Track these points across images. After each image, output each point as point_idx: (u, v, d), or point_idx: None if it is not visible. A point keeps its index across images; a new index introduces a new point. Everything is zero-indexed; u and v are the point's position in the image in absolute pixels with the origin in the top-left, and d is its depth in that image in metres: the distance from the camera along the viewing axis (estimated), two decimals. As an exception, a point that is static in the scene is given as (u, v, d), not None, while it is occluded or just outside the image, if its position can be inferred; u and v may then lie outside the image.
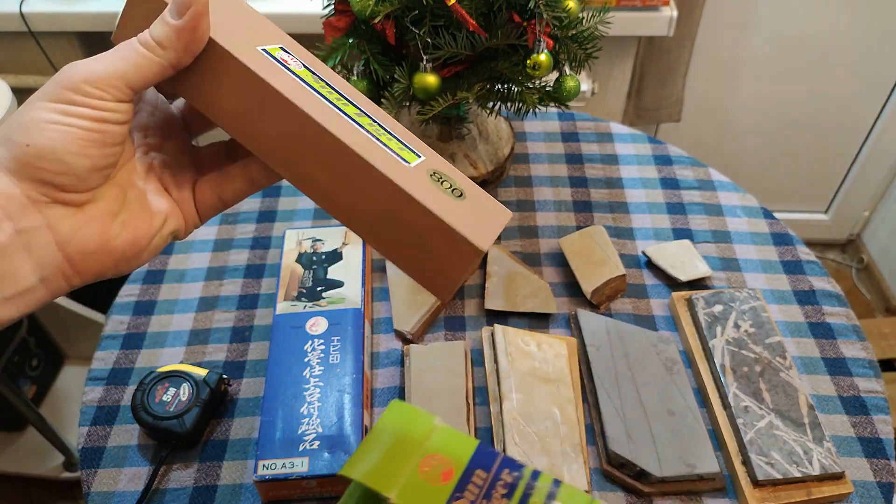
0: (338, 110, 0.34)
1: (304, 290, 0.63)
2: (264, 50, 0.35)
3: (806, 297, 0.68)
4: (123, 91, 0.31)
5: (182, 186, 0.37)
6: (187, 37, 0.31)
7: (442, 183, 0.35)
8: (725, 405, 0.57)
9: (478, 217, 0.34)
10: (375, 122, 0.36)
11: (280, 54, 0.36)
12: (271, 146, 0.34)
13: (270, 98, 0.32)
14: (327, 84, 0.37)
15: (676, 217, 0.75)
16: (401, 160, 0.34)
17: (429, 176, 0.35)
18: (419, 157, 0.36)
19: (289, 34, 0.40)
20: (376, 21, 0.57)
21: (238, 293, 0.68)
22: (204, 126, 0.40)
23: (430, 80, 0.59)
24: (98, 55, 0.31)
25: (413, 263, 0.34)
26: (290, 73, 0.34)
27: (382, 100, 0.61)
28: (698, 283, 0.68)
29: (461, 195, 0.35)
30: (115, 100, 0.31)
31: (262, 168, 0.37)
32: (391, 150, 0.35)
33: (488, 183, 0.76)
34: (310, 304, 0.61)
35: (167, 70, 0.32)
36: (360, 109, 0.36)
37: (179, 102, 0.39)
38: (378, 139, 0.35)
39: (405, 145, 0.36)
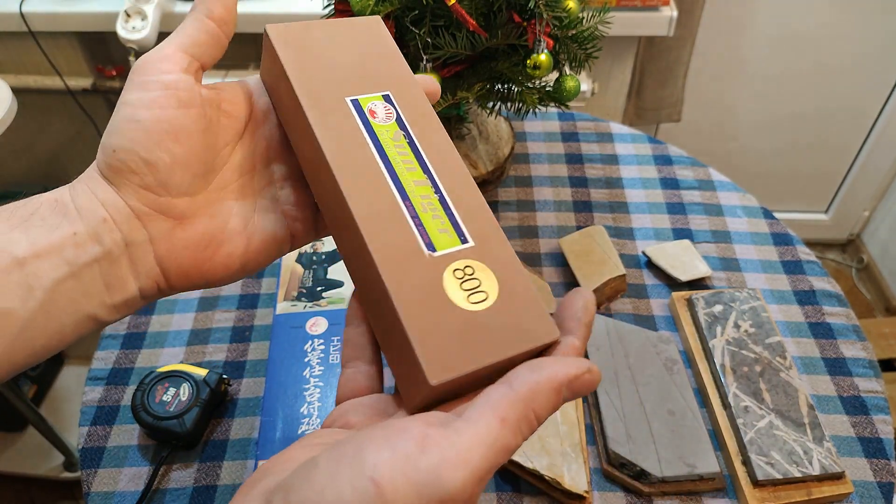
0: (389, 175, 0.31)
1: (304, 290, 0.63)
2: (353, 100, 0.33)
3: (806, 297, 0.68)
4: (179, 58, 0.31)
5: (304, 205, 0.36)
6: None
7: (463, 283, 0.29)
8: (725, 405, 0.57)
9: (477, 336, 0.28)
10: (438, 192, 0.32)
11: (372, 105, 0.34)
12: (318, 196, 0.33)
13: (314, 151, 0.32)
14: (409, 142, 0.33)
15: (676, 217, 0.75)
16: (423, 246, 0.30)
17: (451, 271, 0.30)
18: (463, 243, 0.30)
19: None
20: (376, 21, 0.57)
21: (238, 293, 0.68)
22: None
23: (430, 80, 0.59)
24: None
25: (392, 359, 0.30)
26: (360, 129, 0.32)
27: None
28: (698, 283, 0.68)
29: (483, 300, 0.29)
30: (178, 70, 0.31)
31: None
32: (423, 230, 0.30)
33: (488, 183, 0.76)
34: (310, 304, 0.61)
35: (209, 26, 0.33)
36: (428, 176, 0.32)
37: None
38: (417, 215, 0.31)
39: (455, 226, 0.31)
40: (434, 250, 0.30)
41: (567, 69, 0.63)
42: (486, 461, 0.23)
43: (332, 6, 0.62)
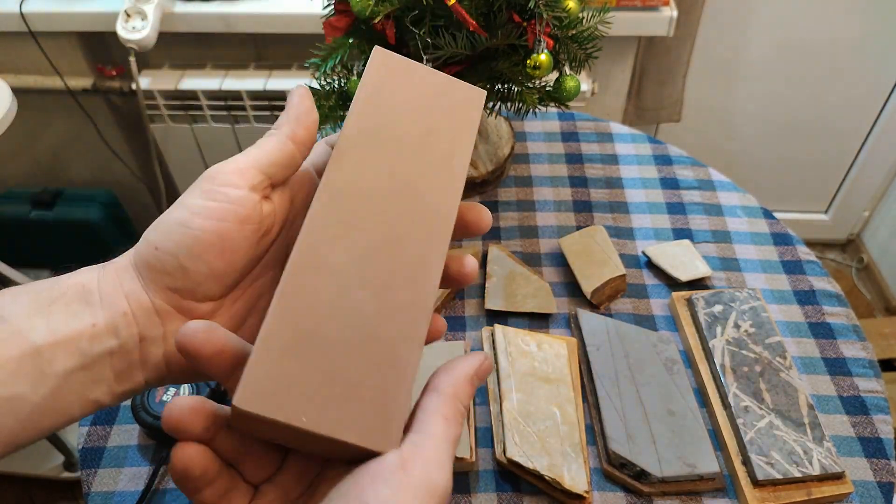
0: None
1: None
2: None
3: (806, 297, 0.68)
4: (252, 175, 0.31)
5: None
6: (294, 110, 0.33)
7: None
8: (725, 405, 0.57)
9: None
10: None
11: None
12: None
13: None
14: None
15: (676, 217, 0.75)
16: None
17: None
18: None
19: (289, 34, 0.39)
20: (376, 21, 0.57)
21: (238, 293, 0.68)
22: None
23: (430, 80, 0.59)
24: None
25: None
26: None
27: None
28: (698, 283, 0.68)
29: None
30: (247, 186, 0.31)
31: None
32: None
33: (488, 183, 0.76)
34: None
35: (288, 146, 0.33)
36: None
37: None
38: None
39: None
40: None
41: (567, 69, 0.63)
42: (451, 454, 0.29)
43: (332, 6, 0.62)
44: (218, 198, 0.30)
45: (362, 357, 0.28)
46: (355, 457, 0.28)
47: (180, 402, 0.28)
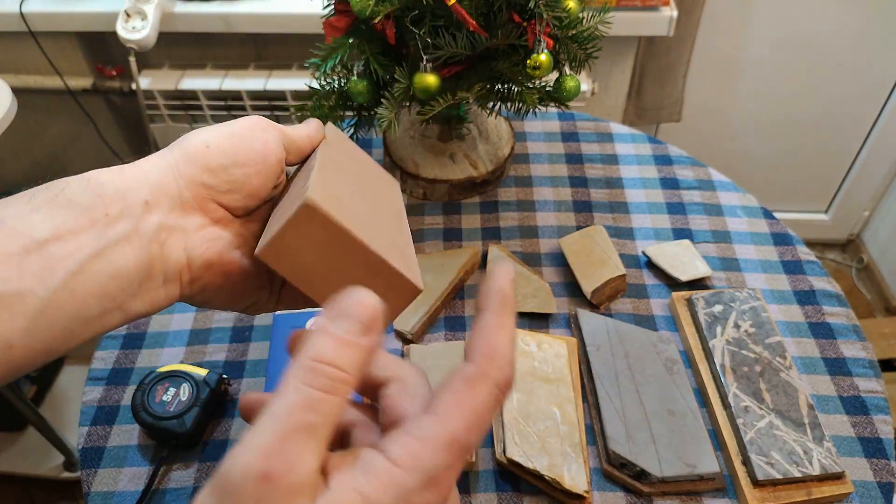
0: None
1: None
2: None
3: (806, 297, 0.68)
4: (281, 134, 0.37)
5: None
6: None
7: None
8: (725, 405, 0.57)
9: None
10: None
11: None
12: None
13: None
14: None
15: (676, 217, 0.75)
16: None
17: None
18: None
19: (289, 34, 0.40)
20: (376, 21, 0.57)
21: (238, 293, 0.68)
22: None
23: (430, 80, 0.59)
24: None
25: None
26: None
27: (382, 100, 0.61)
28: (698, 283, 0.68)
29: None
30: (279, 140, 0.36)
31: None
32: None
33: (488, 183, 0.76)
34: (310, 304, 0.61)
35: (304, 140, 0.39)
36: None
37: None
38: None
39: None
40: None
41: (567, 69, 0.63)
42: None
43: (332, 6, 0.62)
44: (264, 133, 0.35)
45: (386, 225, 0.36)
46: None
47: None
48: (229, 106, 1.27)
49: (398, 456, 0.22)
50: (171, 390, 0.57)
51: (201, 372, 0.58)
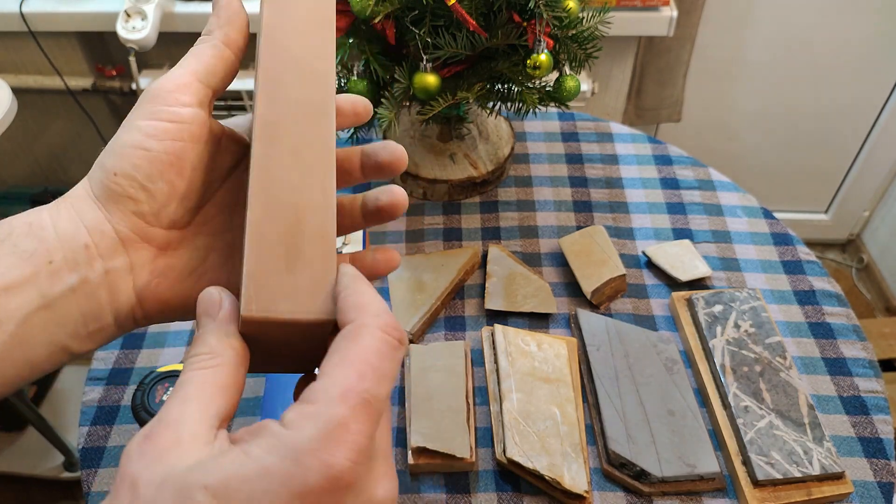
0: None
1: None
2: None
3: (806, 297, 0.68)
4: (196, 89, 0.31)
5: None
6: (224, 12, 0.32)
7: None
8: (725, 405, 0.57)
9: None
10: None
11: None
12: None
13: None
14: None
15: (676, 217, 0.75)
16: None
17: None
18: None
19: None
20: (376, 21, 0.57)
21: (238, 293, 0.68)
22: None
23: (430, 80, 0.59)
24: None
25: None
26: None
27: (382, 100, 0.61)
28: (698, 283, 0.68)
29: None
30: (195, 103, 0.31)
31: None
32: None
33: (488, 183, 0.76)
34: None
35: (225, 53, 0.32)
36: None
37: None
38: None
39: None
40: None
41: (567, 69, 0.63)
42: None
43: (332, 6, 0.62)
44: (169, 117, 0.30)
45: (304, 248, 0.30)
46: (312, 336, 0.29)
47: None
48: (229, 106, 1.27)
49: (290, 420, 0.23)
50: (171, 390, 0.57)
51: (201, 372, 0.58)
